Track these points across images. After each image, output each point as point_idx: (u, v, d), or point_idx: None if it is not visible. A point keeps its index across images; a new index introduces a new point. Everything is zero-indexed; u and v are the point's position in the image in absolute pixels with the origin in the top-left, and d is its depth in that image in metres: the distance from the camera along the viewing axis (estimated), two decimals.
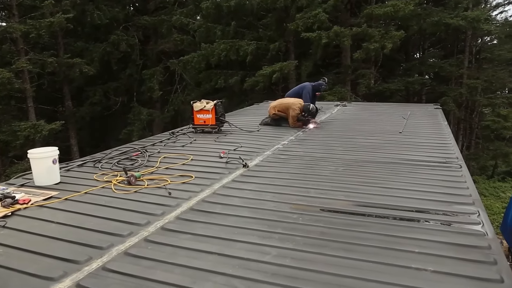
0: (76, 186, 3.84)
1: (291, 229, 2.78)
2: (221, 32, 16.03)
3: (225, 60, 15.75)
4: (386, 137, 6.12)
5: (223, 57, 15.35)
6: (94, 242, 2.58)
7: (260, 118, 7.59)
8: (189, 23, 16.65)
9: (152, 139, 6.51)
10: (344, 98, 13.67)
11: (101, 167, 4.54)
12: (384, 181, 3.87)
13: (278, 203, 3.31)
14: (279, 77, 15.03)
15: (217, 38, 15.84)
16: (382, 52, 14.89)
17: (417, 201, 3.31)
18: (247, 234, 2.69)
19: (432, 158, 4.75)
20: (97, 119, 18.25)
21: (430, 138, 6.02)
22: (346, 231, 2.73)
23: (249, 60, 15.19)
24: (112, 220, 2.98)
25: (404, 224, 2.86)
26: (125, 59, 17.89)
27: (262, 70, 14.89)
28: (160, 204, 3.31)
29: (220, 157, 4.92)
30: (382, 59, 16.73)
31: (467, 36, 18.39)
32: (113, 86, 17.81)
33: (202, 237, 2.67)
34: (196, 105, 6.76)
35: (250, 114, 8.66)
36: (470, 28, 16.40)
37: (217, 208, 3.22)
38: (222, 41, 15.52)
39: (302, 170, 4.35)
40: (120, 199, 3.49)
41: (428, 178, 3.97)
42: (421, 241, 2.56)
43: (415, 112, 8.78)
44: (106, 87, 17.69)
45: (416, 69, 18.59)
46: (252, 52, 15.11)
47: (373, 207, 3.19)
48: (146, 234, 2.72)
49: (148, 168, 4.47)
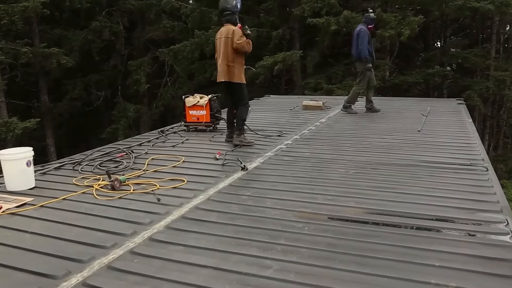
0: (53, 191, 3.85)
1: (296, 240, 2.78)
2: (217, 18, 16.02)
3: None
4: (402, 136, 6.12)
5: None
6: (73, 255, 2.58)
7: (261, 115, 7.60)
8: (180, 7, 16.64)
9: (139, 138, 6.51)
10: None
11: (81, 170, 4.55)
12: (400, 186, 3.87)
13: (281, 210, 3.31)
14: (281, 69, 15.04)
15: (213, 25, 15.83)
16: (398, 40, 14.89)
17: (438, 208, 3.31)
18: (246, 246, 2.70)
19: (455, 160, 4.74)
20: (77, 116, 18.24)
21: (452, 137, 6.02)
22: (358, 242, 2.73)
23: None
24: (93, 229, 2.98)
25: (423, 235, 2.86)
26: (109, 49, 17.88)
27: (262, 61, 14.88)
28: (148, 211, 3.32)
29: (215, 158, 4.92)
30: (399, 48, 16.73)
31: (495, 23, 18.36)
32: (95, 79, 17.79)
33: (195, 249, 2.67)
34: (188, 100, 6.76)
35: (250, 111, 8.66)
36: (498, 13, 16.36)
37: (212, 216, 3.23)
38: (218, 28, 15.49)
39: (308, 174, 4.35)
40: (102, 206, 3.49)
41: (450, 182, 3.97)
42: (442, 253, 2.56)
43: (435, 108, 8.77)
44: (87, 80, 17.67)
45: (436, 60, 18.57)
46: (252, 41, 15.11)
47: (388, 215, 3.19)
48: (132, 246, 2.73)
49: (134, 171, 4.48)
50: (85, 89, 17.60)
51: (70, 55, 15.84)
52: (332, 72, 16.01)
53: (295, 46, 15.84)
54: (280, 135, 6.29)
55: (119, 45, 17.52)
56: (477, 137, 6.03)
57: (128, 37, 18.13)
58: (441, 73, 17.80)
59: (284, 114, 8.29)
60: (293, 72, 16.16)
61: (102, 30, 16.79)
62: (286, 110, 8.73)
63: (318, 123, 7.36)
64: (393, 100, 10.95)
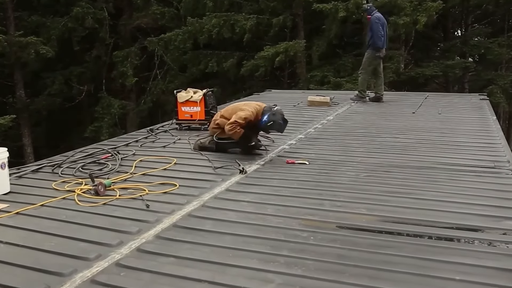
0: (30, 197, 3.83)
1: (300, 251, 2.77)
2: (213, 3, 16.04)
3: (217, 39, 15.76)
4: (419, 135, 6.13)
5: (215, 34, 15.35)
6: (52, 268, 2.57)
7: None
8: None
9: (126, 138, 6.50)
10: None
11: (62, 173, 4.53)
12: (416, 191, 3.86)
13: (284, 218, 3.31)
14: (284, 60, 15.03)
15: (208, 11, 15.85)
16: (414, 28, 14.89)
17: (459, 216, 3.31)
18: (245, 257, 2.69)
19: (477, 162, 4.75)
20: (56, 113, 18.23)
21: (474, 136, 6.02)
22: (370, 253, 2.73)
23: (247, 39, 15.19)
24: (75, 239, 2.97)
25: (442, 245, 2.86)
26: (92, 38, 17.87)
27: (263, 52, 14.90)
28: (136, 219, 3.31)
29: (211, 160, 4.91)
30: (415, 37, 16.73)
31: None
32: (76, 72, 17.79)
33: (188, 261, 2.67)
34: (180, 95, 6.76)
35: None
36: None
37: (208, 224, 3.22)
38: (213, 15, 15.53)
39: (314, 177, 4.35)
40: (85, 213, 3.48)
41: (472, 187, 3.97)
42: (463, 265, 2.56)
43: (455, 103, 8.78)
44: (68, 73, 17.67)
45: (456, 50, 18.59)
46: (251, 29, 15.12)
47: (403, 223, 3.19)
48: (118, 257, 2.72)
49: (121, 174, 4.47)
50: (66, 83, 17.58)
51: (49, 44, 15.83)
52: (341, 63, 16.02)
53: (299, 34, 15.84)
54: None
55: (103, 33, 17.50)
56: (502, 137, 6.03)
57: (114, 25, 18.12)
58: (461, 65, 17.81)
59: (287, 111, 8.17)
60: (297, 64, 16.15)
61: (85, 17, 16.77)
62: (289, 106, 8.71)
63: (325, 121, 7.37)
64: (408, 95, 10.95)
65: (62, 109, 18.05)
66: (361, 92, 9.32)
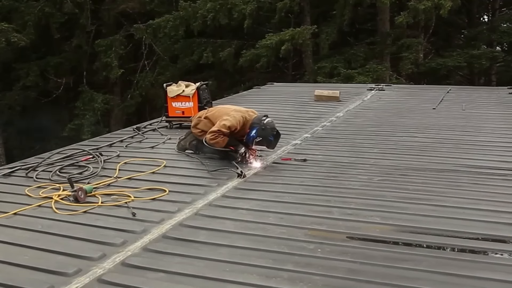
0: (2, 204, 3.83)
1: (306, 264, 2.78)
2: None
3: (213, 25, 15.75)
4: (439, 134, 6.13)
5: (210, 20, 15.35)
6: (27, 284, 2.57)
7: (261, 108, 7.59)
8: None
9: (109, 137, 6.50)
10: (381, 79, 13.67)
11: (37, 177, 4.53)
12: (437, 197, 3.86)
13: (288, 228, 3.31)
14: (289, 50, 15.01)
15: None
16: (436, 14, 14.87)
17: (485, 225, 3.31)
18: (244, 272, 2.69)
19: (505, 164, 4.75)
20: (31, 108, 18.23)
21: (502, 136, 6.02)
22: (385, 267, 2.73)
23: (247, 26, 15.18)
24: (52, 252, 2.98)
25: (466, 258, 2.86)
26: (71, 24, 17.88)
27: (265, 40, 14.88)
28: (120, 229, 3.31)
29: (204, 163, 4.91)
30: (435, 23, 16.72)
31: None
32: (53, 62, 17.80)
33: (179, 276, 2.67)
34: (171, 89, 6.76)
35: (248, 102, 8.66)
36: None
37: (201, 235, 3.22)
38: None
39: (322, 181, 4.35)
40: (63, 222, 3.48)
41: (499, 192, 3.97)
42: (490, 281, 2.56)
43: (481, 98, 8.77)
44: (44, 64, 17.68)
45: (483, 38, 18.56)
46: (251, 14, 15.12)
47: (422, 233, 3.19)
48: (100, 272, 2.72)
49: (104, 178, 4.47)
50: (42, 75, 17.58)
51: (23, 32, 15.81)
52: (352, 53, 16.00)
53: (304, 20, 15.83)
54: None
55: (84, 19, 17.48)
56: None
57: (96, 10, 18.12)
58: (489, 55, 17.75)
59: (291, 107, 8.29)
60: (303, 54, 16.14)
61: (63, 0, 16.78)
62: (293, 101, 8.73)
63: (334, 118, 7.36)
64: (427, 89, 10.95)
65: (38, 105, 18.03)
66: None
